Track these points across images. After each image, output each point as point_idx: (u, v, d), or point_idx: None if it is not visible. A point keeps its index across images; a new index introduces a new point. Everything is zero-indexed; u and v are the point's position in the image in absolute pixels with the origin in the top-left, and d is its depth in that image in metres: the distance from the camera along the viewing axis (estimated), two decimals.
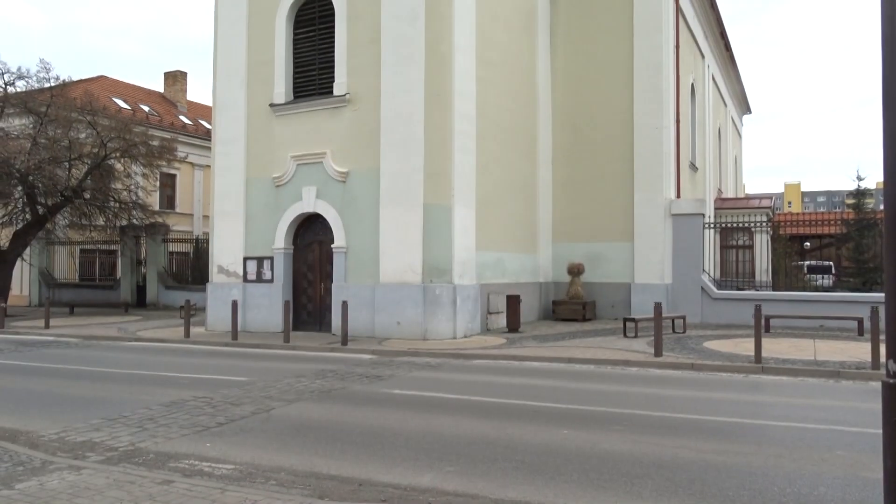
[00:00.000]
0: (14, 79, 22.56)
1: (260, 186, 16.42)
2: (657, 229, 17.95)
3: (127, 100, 32.70)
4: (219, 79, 17.21)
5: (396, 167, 14.45)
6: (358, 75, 15.13)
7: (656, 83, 18.28)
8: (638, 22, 18.52)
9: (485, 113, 15.78)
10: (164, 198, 32.27)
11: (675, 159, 19.08)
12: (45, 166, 20.90)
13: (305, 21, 16.20)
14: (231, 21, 16.95)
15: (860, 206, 28.79)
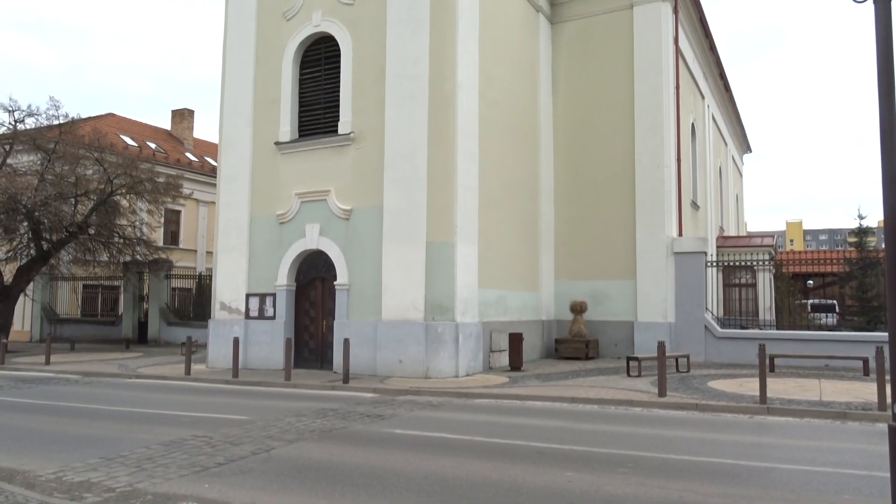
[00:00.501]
0: (24, 116, 22.91)
1: (264, 223, 16.52)
2: (659, 267, 17.96)
3: (134, 137, 33.13)
4: (225, 117, 17.47)
5: (399, 204, 14.55)
6: (362, 114, 15.34)
7: (657, 123, 18.48)
8: (638, 63, 18.82)
9: (487, 151, 15.95)
10: (168, 234, 32.43)
11: (677, 198, 19.18)
12: (51, 202, 21.07)
13: (311, 62, 16.51)
14: (239, 62, 17.27)
15: (862, 245, 28.84)
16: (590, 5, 19.64)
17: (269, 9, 16.90)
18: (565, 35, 20.01)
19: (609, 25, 19.32)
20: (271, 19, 16.85)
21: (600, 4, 19.45)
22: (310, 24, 16.22)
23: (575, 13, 19.87)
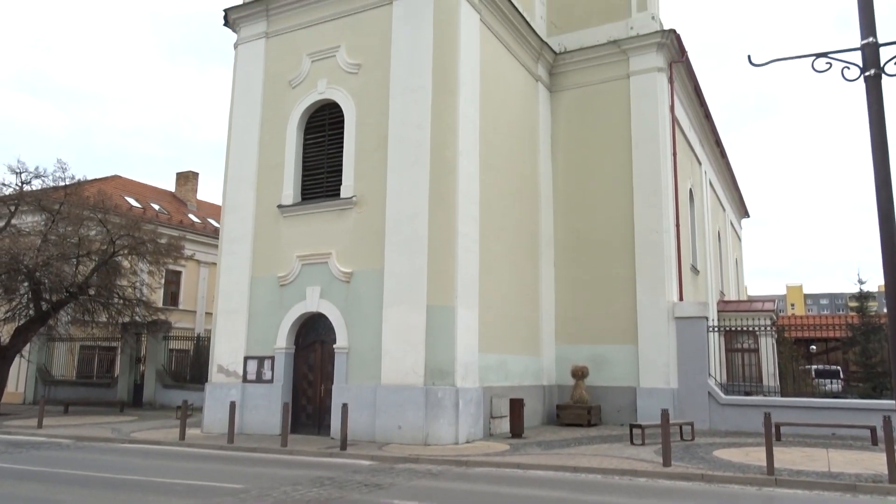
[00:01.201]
0: (31, 178, 23.21)
1: (264, 285, 16.52)
2: (661, 332, 17.85)
3: (139, 198, 33.51)
4: (230, 181, 17.71)
5: (400, 268, 14.58)
6: (364, 178, 15.56)
7: (655, 188, 18.73)
8: (636, 131, 19.22)
9: (488, 215, 16.10)
10: (168, 294, 32.39)
11: (677, 262, 19.25)
12: (53, 262, 21.13)
13: (315, 127, 16.85)
14: (244, 127, 17.63)
15: (864, 310, 28.73)
16: (587, 75, 20.21)
17: (275, 77, 17.37)
18: (564, 103, 20.51)
19: (606, 94, 19.83)
20: (277, 86, 17.30)
21: (597, 74, 20.02)
22: (315, 92, 16.64)
23: (573, 82, 20.42)
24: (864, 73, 3.73)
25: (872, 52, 3.71)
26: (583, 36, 20.38)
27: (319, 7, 16.78)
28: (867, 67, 3.70)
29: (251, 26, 17.85)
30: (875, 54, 3.71)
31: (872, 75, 3.68)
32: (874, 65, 3.69)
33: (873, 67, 3.68)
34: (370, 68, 15.89)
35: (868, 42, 3.68)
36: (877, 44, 3.69)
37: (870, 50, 3.70)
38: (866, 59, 3.72)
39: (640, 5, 19.73)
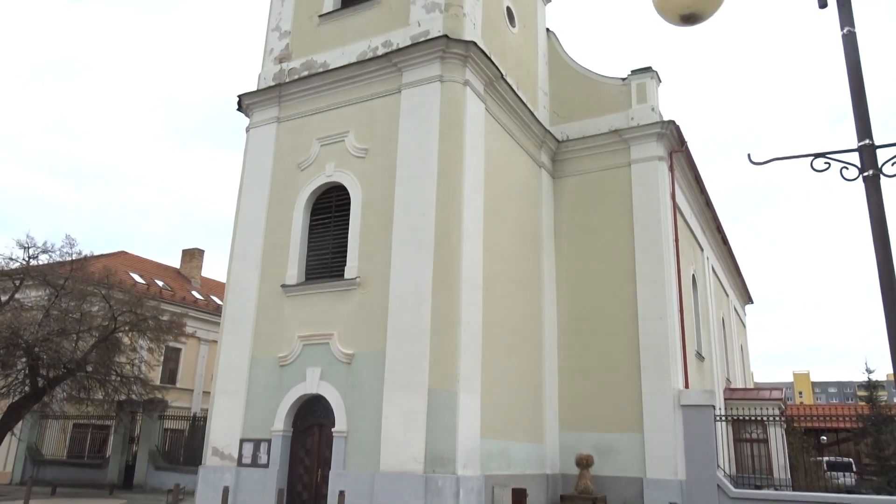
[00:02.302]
0: (38, 253, 23.48)
1: (264, 365, 16.33)
2: (667, 421, 17.46)
3: (143, 275, 33.71)
4: (235, 260, 17.83)
5: (402, 351, 14.44)
6: (368, 260, 15.65)
7: (658, 275, 18.77)
8: (638, 217, 19.45)
9: (491, 300, 16.09)
10: (167, 372, 32.04)
11: (682, 349, 19.05)
12: (52, 338, 21.03)
13: (322, 209, 17.10)
14: (252, 208, 17.91)
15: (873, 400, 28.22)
16: (589, 162, 20.66)
17: (285, 159, 17.79)
18: (567, 189, 20.87)
19: (608, 181, 20.20)
20: (286, 169, 17.69)
21: (599, 162, 20.47)
22: (323, 174, 17.00)
23: (575, 169, 20.86)
24: (862, 173, 3.81)
25: (870, 154, 3.81)
26: (585, 125, 20.97)
27: (330, 94, 17.38)
28: (865, 168, 3.79)
29: (263, 111, 18.44)
30: (872, 155, 3.81)
31: (871, 175, 3.76)
32: (872, 166, 3.78)
33: (871, 168, 3.77)
34: (377, 153, 16.29)
35: (865, 144, 3.79)
36: (873, 145, 3.79)
37: (867, 151, 3.80)
38: (864, 160, 3.82)
39: (641, 97, 20.40)
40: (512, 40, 19.68)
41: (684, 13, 4.60)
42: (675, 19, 4.62)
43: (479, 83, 16.55)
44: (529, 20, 21.37)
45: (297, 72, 18.16)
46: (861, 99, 3.80)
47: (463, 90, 15.92)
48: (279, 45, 18.92)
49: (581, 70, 21.91)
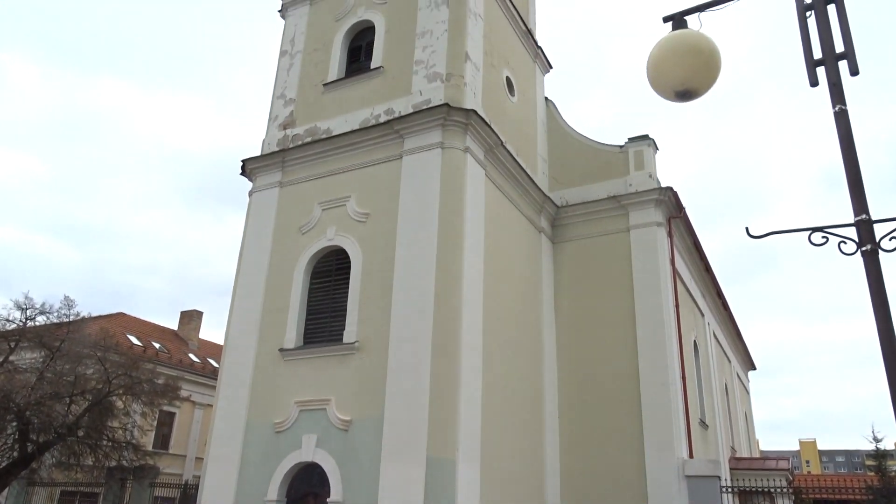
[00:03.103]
0: (36, 314, 23.36)
1: (259, 431, 16.00)
2: (671, 492, 16.97)
3: (140, 337, 33.45)
4: (233, 323, 17.72)
5: (400, 417, 14.17)
6: (368, 324, 15.55)
7: (659, 341, 18.62)
8: (637, 283, 19.45)
9: (491, 365, 15.91)
10: (160, 437, 31.40)
11: (685, 417, 18.71)
12: (45, 402, 20.70)
13: (322, 272, 17.12)
14: (252, 271, 17.93)
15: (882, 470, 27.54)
16: (589, 227, 20.80)
17: (286, 223, 17.92)
18: (566, 254, 20.94)
19: (608, 246, 20.29)
20: (287, 232, 17.80)
21: (599, 227, 20.61)
22: (324, 238, 17.09)
23: (575, 234, 20.98)
24: (860, 248, 3.82)
25: (867, 229, 3.83)
26: (584, 191, 21.22)
27: (333, 160, 17.66)
28: (863, 243, 3.80)
29: (267, 176, 18.70)
30: (870, 230, 3.83)
31: (869, 250, 3.77)
32: (869, 240, 3.80)
33: (869, 243, 3.78)
34: (378, 217, 16.43)
35: (862, 219, 3.81)
36: (870, 220, 3.82)
37: (864, 227, 3.82)
38: (861, 235, 3.83)
39: (638, 164, 20.72)
40: (511, 108, 20.14)
41: (679, 89, 4.72)
42: (670, 95, 4.74)
43: (479, 150, 16.84)
44: (528, 89, 21.93)
45: (301, 138, 18.51)
46: (856, 175, 3.84)
47: (463, 157, 16.19)
48: (284, 112, 19.36)
49: (579, 137, 22.34)
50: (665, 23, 5.03)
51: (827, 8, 4.52)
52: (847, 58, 4.28)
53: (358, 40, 19.41)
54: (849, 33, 4.32)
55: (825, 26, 4.52)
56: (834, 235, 3.97)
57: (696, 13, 5.00)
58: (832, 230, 3.97)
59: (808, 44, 4.42)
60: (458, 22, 17.51)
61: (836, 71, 4.29)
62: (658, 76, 4.71)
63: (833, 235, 3.98)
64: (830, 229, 3.97)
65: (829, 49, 4.35)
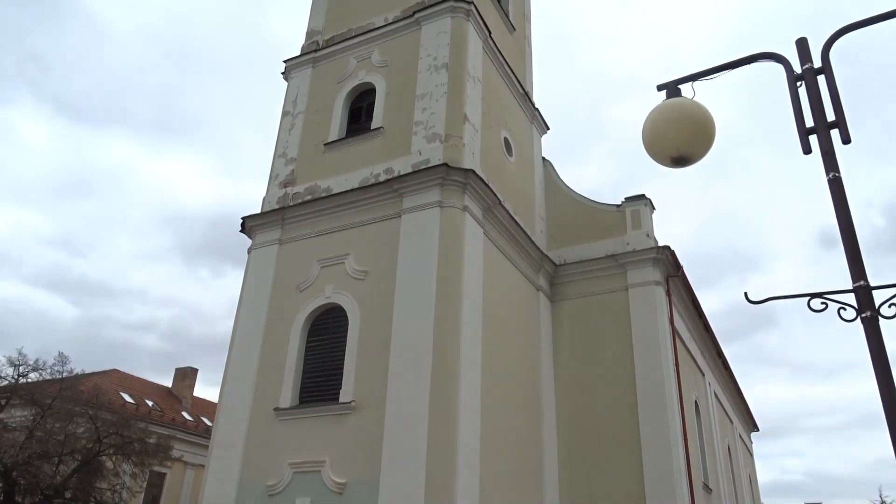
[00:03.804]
0: (28, 371, 23.08)
1: (252, 494, 15.57)
2: None
3: (134, 394, 32.97)
4: (228, 381, 17.49)
5: (397, 480, 13.83)
6: (364, 383, 15.35)
7: (660, 400, 18.38)
8: (637, 341, 19.33)
9: (490, 426, 15.63)
10: (149, 498, 30.59)
11: (688, 480, 18.30)
12: (33, 461, 20.24)
13: (319, 330, 17.00)
14: (249, 329, 17.81)
15: None
16: (587, 286, 20.80)
17: (284, 280, 17.90)
18: (565, 312, 20.87)
19: (606, 305, 20.25)
20: (286, 290, 17.76)
21: (597, 285, 20.62)
22: (322, 296, 17.04)
23: (573, 292, 20.96)
24: (860, 315, 3.82)
25: (866, 295, 3.83)
26: (582, 249, 21.32)
27: (332, 218, 17.79)
28: (863, 309, 3.80)
29: (266, 233, 18.79)
30: (868, 296, 3.83)
31: (869, 317, 3.77)
32: (869, 307, 3.79)
33: (868, 310, 3.78)
34: (376, 275, 16.43)
35: (860, 285, 3.82)
36: (869, 287, 3.83)
37: (863, 293, 3.83)
38: (860, 301, 3.84)
39: (635, 224, 20.89)
40: (509, 168, 20.43)
41: (675, 155, 4.81)
42: (667, 161, 4.82)
43: (477, 209, 16.99)
44: (526, 150, 22.29)
45: (301, 196, 18.69)
46: (852, 241, 3.87)
47: (462, 215, 16.32)
48: (285, 170, 19.60)
49: (576, 197, 22.59)
50: (659, 91, 5.15)
51: (817, 78, 4.64)
52: (838, 126, 4.38)
53: (359, 101, 19.84)
54: (839, 103, 4.43)
55: (816, 96, 4.64)
56: (833, 301, 3.97)
57: (689, 82, 5.13)
58: (831, 296, 3.98)
59: (799, 113, 4.53)
60: (456, 85, 17.94)
61: (828, 139, 4.38)
62: (654, 143, 4.80)
63: (832, 301, 3.98)
64: (829, 295, 3.98)
65: (821, 118, 4.45)
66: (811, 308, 4.07)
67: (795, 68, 4.81)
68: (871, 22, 4.62)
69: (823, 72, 4.66)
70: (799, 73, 4.73)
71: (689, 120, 4.71)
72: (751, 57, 4.93)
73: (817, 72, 4.67)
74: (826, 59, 4.65)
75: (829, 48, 4.73)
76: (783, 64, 4.76)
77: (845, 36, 4.87)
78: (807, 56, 4.77)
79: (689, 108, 4.79)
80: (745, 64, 4.98)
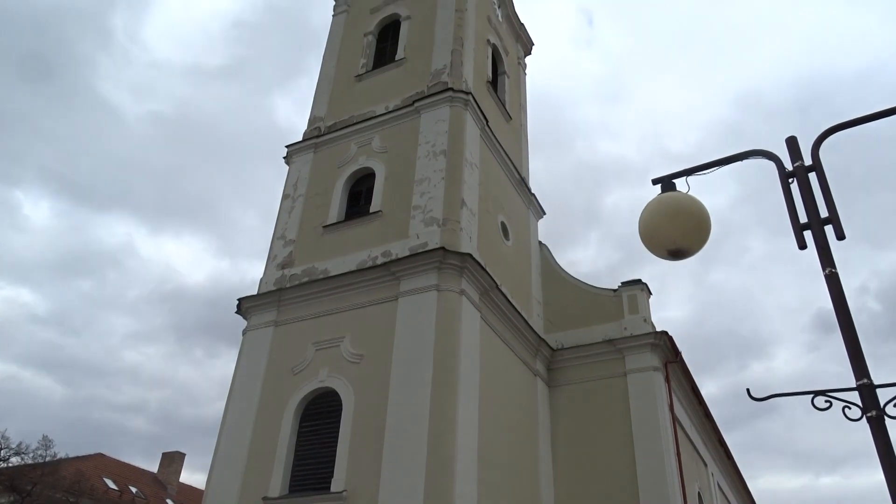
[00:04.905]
0: (10, 455, 22.36)
1: None
2: None
3: (118, 480, 31.84)
4: (216, 466, 16.94)
5: None
6: (357, 471, 14.87)
7: (661, 491, 17.80)
8: (637, 429, 18.90)
9: None
10: None
11: None
12: None
13: (312, 415, 16.61)
14: (240, 412, 17.41)
15: None
16: (585, 371, 20.53)
17: (278, 363, 17.65)
18: (563, 398, 20.50)
19: (605, 391, 19.93)
20: (279, 373, 17.48)
21: (595, 371, 20.35)
22: (316, 380, 16.76)
23: (572, 378, 20.67)
24: (865, 414, 3.75)
25: (870, 393, 3.78)
26: (579, 334, 21.18)
27: (329, 300, 17.73)
28: (867, 409, 3.73)
29: (262, 315, 18.68)
30: (873, 395, 3.77)
31: (874, 416, 3.70)
32: (874, 406, 3.73)
33: (873, 409, 3.72)
34: (372, 359, 16.22)
35: (863, 383, 3.77)
36: (872, 385, 3.77)
37: (866, 391, 3.77)
38: (865, 400, 3.78)
39: (632, 308, 20.86)
40: (506, 252, 20.58)
41: (671, 248, 4.85)
42: (663, 254, 4.86)
43: (474, 293, 16.99)
44: (522, 234, 22.54)
45: (298, 278, 18.70)
46: (853, 338, 3.85)
47: (459, 299, 16.29)
48: (283, 252, 19.71)
49: (573, 281, 22.65)
50: (654, 185, 5.26)
51: (808, 175, 4.75)
52: (832, 223, 4.44)
53: (358, 185, 20.20)
54: (831, 200, 4.51)
55: (808, 192, 4.73)
56: (838, 400, 3.91)
57: (683, 176, 5.24)
58: (835, 395, 3.92)
59: (793, 209, 4.60)
60: (454, 170, 18.33)
61: (822, 235, 4.43)
62: (651, 237, 4.86)
63: (837, 399, 3.92)
64: (833, 393, 3.92)
65: (814, 214, 4.52)
66: (815, 406, 3.98)
67: (787, 165, 4.92)
68: (858, 122, 4.78)
69: (814, 169, 4.77)
70: (790, 170, 4.85)
71: (685, 214, 4.79)
72: (742, 154, 5.06)
73: (808, 169, 4.78)
74: (816, 157, 4.77)
75: (819, 146, 4.86)
76: (774, 161, 4.88)
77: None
78: (797, 154, 4.90)
79: (684, 202, 4.88)
80: (737, 160, 5.10)
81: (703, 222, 4.79)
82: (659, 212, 4.84)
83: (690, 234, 4.77)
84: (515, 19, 28.31)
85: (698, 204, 4.84)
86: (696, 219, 4.78)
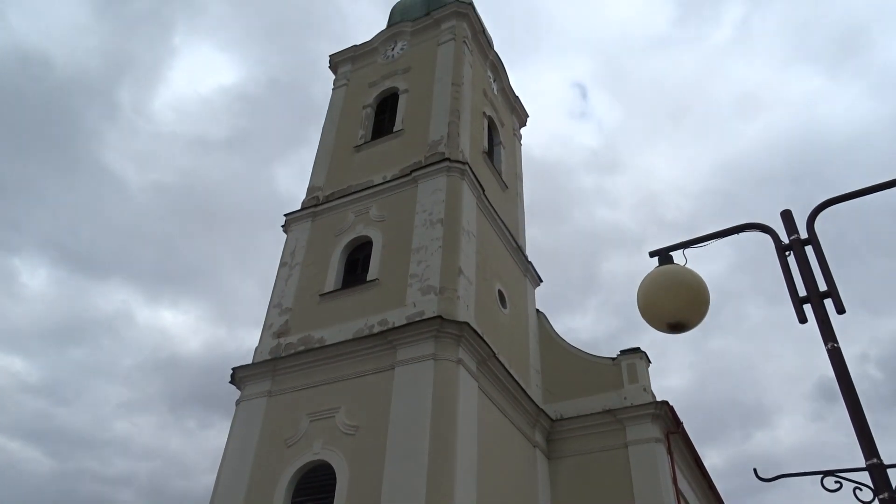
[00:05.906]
0: None
1: None
2: None
3: None
4: None
5: None
6: None
7: None
8: (639, 502, 18.33)
9: None
10: None
11: None
12: None
13: (305, 489, 16.00)
14: (231, 486, 16.84)
15: None
16: (585, 443, 20.06)
17: (272, 435, 17.21)
18: (563, 470, 19.96)
19: (606, 463, 19.42)
20: (272, 445, 17.03)
21: (595, 442, 19.89)
22: (309, 452, 16.30)
23: (572, 449, 20.17)
24: (877, 496, 3.62)
25: (880, 474, 3.66)
26: (578, 404, 20.81)
27: (324, 370, 17.47)
28: (879, 490, 3.61)
29: (256, 385, 18.34)
30: (884, 476, 3.65)
31: (887, 498, 3.57)
32: (886, 488, 3.60)
33: (886, 491, 3.59)
34: (368, 430, 15.84)
35: (873, 463, 3.66)
36: (883, 465, 3.66)
37: (877, 471, 3.66)
38: (876, 481, 3.66)
39: (632, 377, 20.58)
40: (504, 321, 20.46)
41: (671, 321, 4.81)
42: (663, 327, 4.82)
43: (471, 361, 16.78)
44: (520, 302, 22.46)
45: (294, 346, 18.49)
46: (859, 416, 3.75)
47: (456, 368, 16.07)
48: (279, 320, 19.55)
49: (571, 349, 22.42)
50: (651, 257, 5.26)
51: (805, 249, 4.75)
52: (832, 296, 4.41)
53: (356, 254, 20.24)
54: (829, 274, 4.50)
55: (805, 265, 4.72)
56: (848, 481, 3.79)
57: (680, 249, 5.24)
58: (844, 475, 3.80)
59: (791, 283, 4.59)
60: (452, 239, 18.41)
61: (822, 308, 4.40)
62: (649, 310, 4.83)
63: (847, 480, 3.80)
64: (842, 473, 3.80)
65: (813, 288, 4.50)
66: (825, 488, 3.85)
67: (783, 238, 4.94)
68: (851, 196, 4.82)
69: (810, 242, 4.78)
70: (786, 243, 4.86)
71: (684, 287, 4.77)
72: (738, 227, 5.09)
73: (804, 242, 4.79)
74: (812, 231, 4.79)
75: (814, 219, 4.89)
76: (770, 234, 4.89)
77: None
78: (793, 227, 4.92)
79: (682, 275, 4.87)
80: (733, 233, 5.12)
81: (701, 295, 4.77)
82: (657, 285, 4.82)
83: (689, 308, 4.74)
84: (511, 92, 29.10)
85: (696, 277, 4.83)
86: (695, 292, 4.76)
